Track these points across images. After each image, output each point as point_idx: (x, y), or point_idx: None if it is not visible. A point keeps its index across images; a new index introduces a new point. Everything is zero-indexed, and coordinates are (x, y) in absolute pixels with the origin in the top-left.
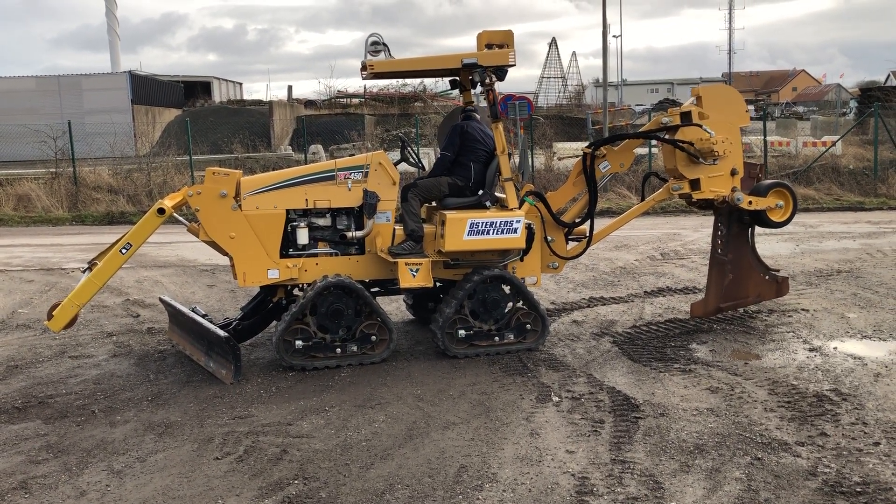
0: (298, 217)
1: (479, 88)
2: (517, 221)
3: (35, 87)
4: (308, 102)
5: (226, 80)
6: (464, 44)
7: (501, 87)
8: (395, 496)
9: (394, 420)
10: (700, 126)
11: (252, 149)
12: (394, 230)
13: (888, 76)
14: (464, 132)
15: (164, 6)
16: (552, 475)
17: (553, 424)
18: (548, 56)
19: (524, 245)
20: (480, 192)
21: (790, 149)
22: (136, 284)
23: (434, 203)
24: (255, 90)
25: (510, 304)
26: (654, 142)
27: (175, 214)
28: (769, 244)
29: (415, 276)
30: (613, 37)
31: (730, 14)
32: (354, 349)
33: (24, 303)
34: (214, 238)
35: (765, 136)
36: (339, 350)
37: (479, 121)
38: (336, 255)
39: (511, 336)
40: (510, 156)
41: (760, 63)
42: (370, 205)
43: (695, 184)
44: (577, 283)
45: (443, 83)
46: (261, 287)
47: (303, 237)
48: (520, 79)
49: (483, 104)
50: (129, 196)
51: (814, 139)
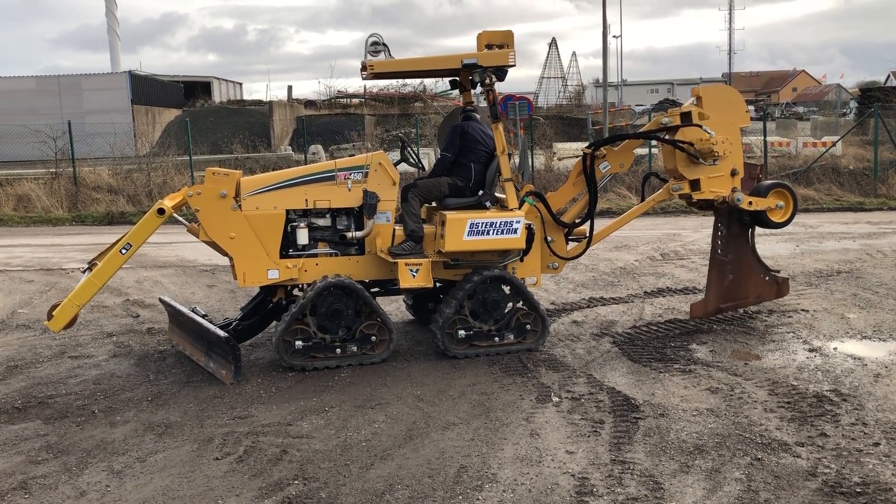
0: (298, 217)
1: (479, 89)
2: (517, 222)
3: (35, 87)
4: (308, 103)
5: (226, 81)
6: (464, 44)
7: (501, 88)
8: (395, 496)
9: (394, 420)
10: (700, 126)
11: (252, 149)
12: (394, 230)
13: (888, 76)
14: (464, 133)
15: (164, 6)
16: (552, 475)
17: (553, 425)
18: (548, 56)
19: (524, 245)
20: (480, 193)
21: (790, 149)
22: (136, 285)
23: (434, 203)
24: (255, 90)
25: (510, 305)
26: (655, 142)
27: (175, 215)
28: (769, 244)
29: (415, 277)
30: (613, 37)
31: (730, 14)
32: (354, 349)
33: (24, 303)
34: (214, 238)
35: (765, 137)
36: (339, 350)
37: (480, 121)
38: (336, 256)
39: (511, 336)
40: (510, 156)
41: (760, 63)
42: (370, 205)
43: (695, 184)
44: (577, 284)
45: (443, 83)
46: (261, 287)
47: (303, 237)
48: (520, 79)
49: (483, 104)
50: (129, 196)
51: (814, 139)
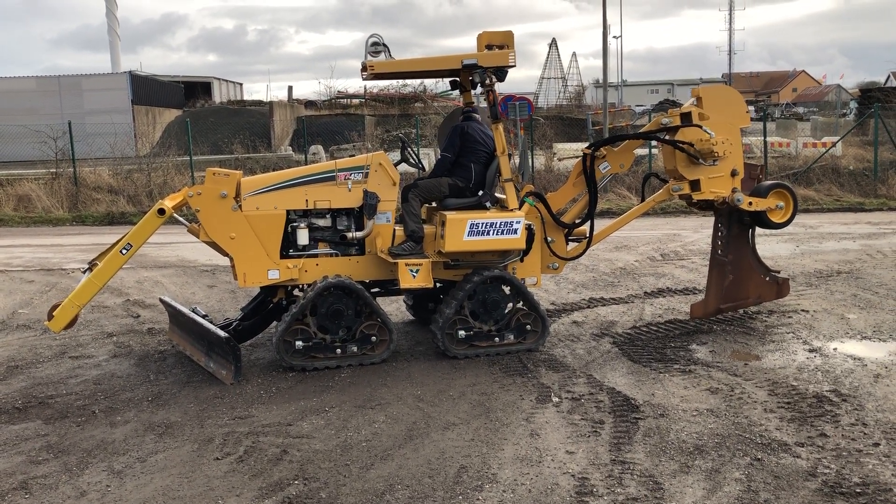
0: (299, 218)
1: (480, 89)
2: (517, 222)
3: (35, 88)
4: (308, 103)
5: (226, 81)
6: (464, 44)
7: (501, 88)
8: (395, 496)
9: (394, 420)
10: (700, 127)
11: (252, 149)
12: (394, 231)
13: (888, 77)
14: (464, 133)
15: (165, 6)
16: (552, 476)
17: (553, 425)
18: (548, 57)
19: (524, 246)
20: (480, 193)
21: (790, 150)
22: (137, 285)
23: (434, 204)
24: (256, 91)
25: (510, 305)
26: (655, 142)
27: (175, 215)
28: (769, 245)
29: (415, 277)
30: (613, 37)
31: (730, 15)
32: (354, 350)
33: (25, 303)
34: (215, 238)
35: (765, 137)
36: (340, 350)
37: (480, 121)
38: (336, 256)
39: (511, 337)
40: (510, 156)
41: (760, 64)
42: (370, 205)
43: (695, 185)
44: (577, 284)
45: (443, 84)
46: (261, 288)
47: (303, 238)
48: (520, 79)
49: (483, 105)
50: (130, 196)
51: (814, 140)
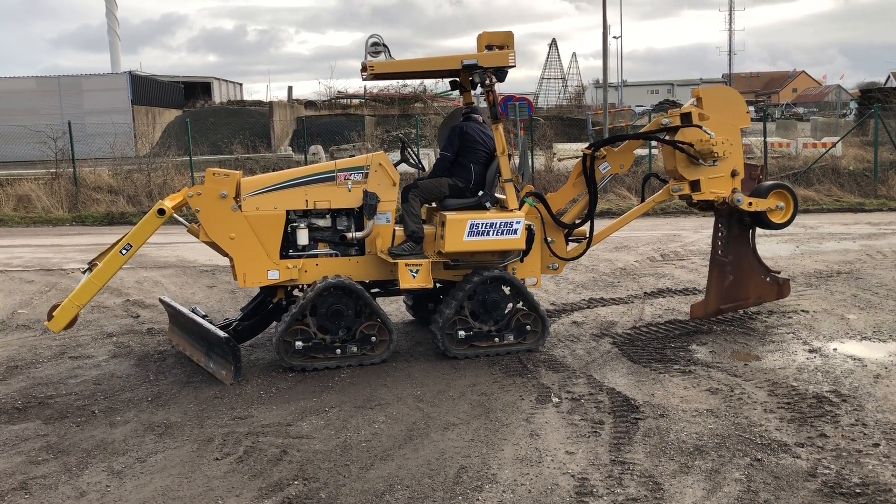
0: (298, 218)
1: (480, 89)
2: (517, 222)
3: (35, 88)
4: (308, 103)
5: (226, 81)
6: (464, 45)
7: (501, 88)
8: (395, 497)
9: (394, 421)
10: (700, 127)
11: (252, 149)
12: (394, 231)
13: (888, 77)
14: (463, 133)
15: (164, 7)
16: (552, 476)
17: (553, 425)
18: (548, 57)
19: (524, 246)
20: (480, 193)
21: (790, 150)
22: (137, 285)
23: (434, 204)
24: (256, 91)
25: (510, 305)
26: (655, 143)
27: (175, 215)
28: (769, 245)
29: (415, 277)
30: (613, 38)
31: (730, 15)
32: (354, 350)
33: (25, 303)
34: (214, 239)
35: (765, 138)
36: (339, 351)
37: (481, 122)
38: (336, 256)
39: (511, 337)
40: (510, 157)
41: (760, 64)
42: (370, 206)
43: (695, 185)
44: (577, 284)
45: (443, 84)
46: (261, 288)
47: (303, 238)
48: (520, 80)
49: (483, 105)
50: (130, 197)
51: (814, 140)
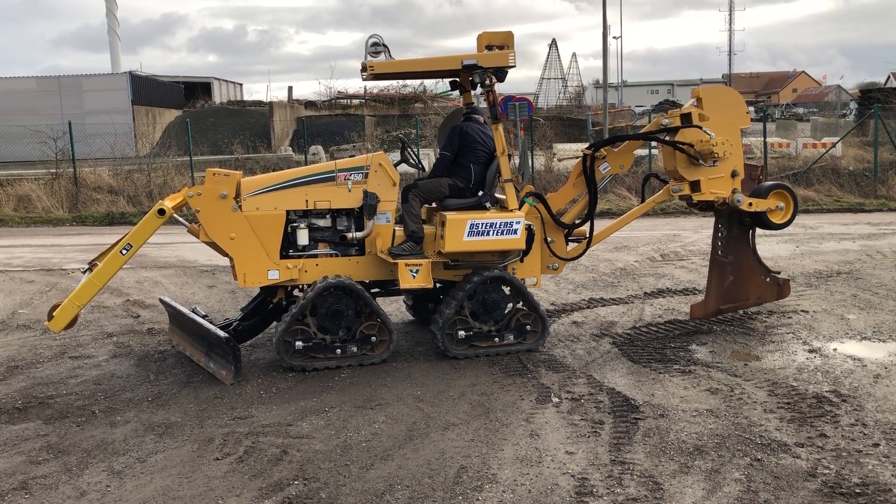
0: (298, 218)
1: (480, 90)
2: (517, 222)
3: (35, 88)
4: (308, 103)
5: (226, 81)
6: (464, 45)
7: (501, 88)
8: (395, 497)
9: (394, 421)
10: (700, 128)
11: (252, 150)
12: (394, 231)
13: (888, 77)
14: (463, 133)
15: (165, 7)
16: (552, 476)
17: (553, 425)
18: (548, 57)
19: (524, 246)
20: (480, 193)
21: (790, 150)
22: (137, 285)
23: (434, 204)
24: (256, 91)
25: (510, 305)
26: (655, 143)
27: (175, 215)
28: (769, 245)
29: (415, 277)
30: (613, 38)
31: (730, 15)
32: (354, 350)
33: (25, 303)
34: (215, 239)
35: (765, 138)
36: (339, 351)
37: (482, 122)
38: (336, 256)
39: (511, 337)
40: (510, 157)
41: (760, 64)
42: (370, 206)
43: (695, 185)
44: (577, 285)
45: (443, 84)
46: (261, 288)
47: (303, 238)
48: (520, 80)
49: (483, 105)
50: (130, 197)
51: (814, 140)
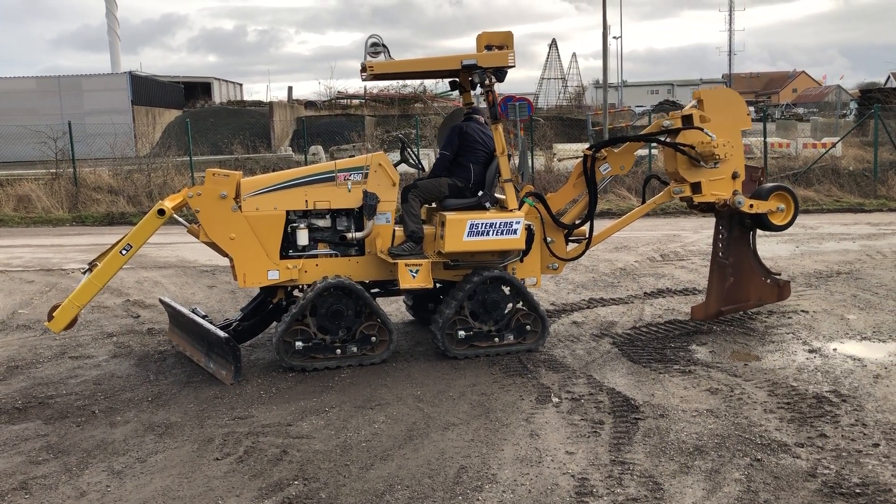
0: (298, 218)
1: (479, 90)
2: (517, 222)
3: (35, 88)
4: (308, 103)
5: (226, 81)
6: (464, 45)
7: (501, 89)
8: (395, 497)
9: (394, 421)
10: (701, 129)
11: (252, 150)
12: (394, 231)
13: (888, 77)
14: (462, 132)
15: (164, 7)
16: (552, 476)
17: (553, 425)
18: (548, 57)
19: (524, 246)
20: (480, 194)
21: (790, 150)
22: (137, 285)
23: (434, 204)
24: (256, 91)
25: (510, 305)
26: (655, 144)
27: (175, 216)
28: (769, 246)
29: (415, 277)
30: (613, 38)
31: (730, 15)
32: (354, 350)
33: (25, 303)
34: (214, 239)
35: (765, 138)
36: (339, 351)
37: (482, 122)
38: (336, 257)
39: (511, 337)
40: (510, 157)
41: (760, 64)
42: (370, 206)
43: (696, 187)
44: (577, 285)
45: (443, 84)
46: (261, 288)
47: (303, 238)
48: (520, 80)
49: (483, 105)
50: (130, 197)
51: (814, 141)
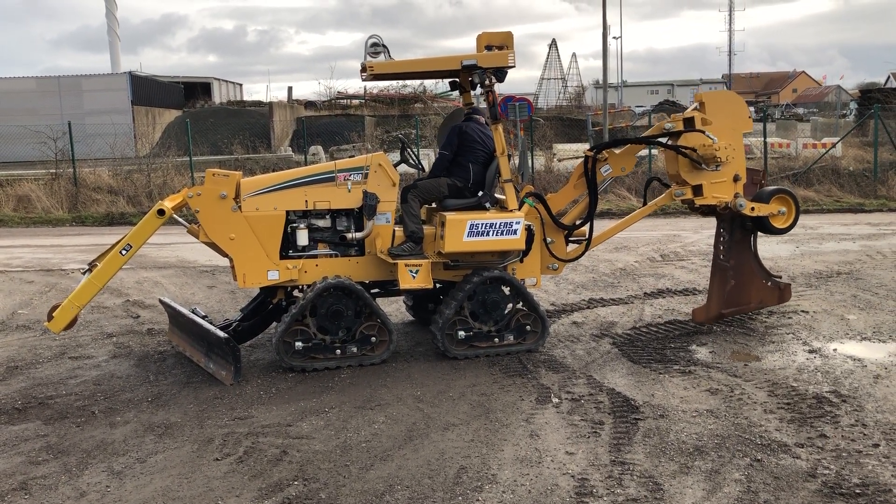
0: (298, 218)
1: (479, 90)
2: (517, 223)
3: (35, 88)
4: (308, 103)
5: (226, 81)
6: (464, 45)
7: (501, 89)
8: (395, 497)
9: (394, 421)
10: (703, 132)
11: (252, 150)
12: (393, 231)
13: (888, 78)
14: (462, 132)
15: (164, 7)
16: (552, 476)
17: (553, 426)
18: (548, 57)
19: (524, 246)
20: (480, 194)
21: (790, 150)
22: (137, 285)
23: (434, 204)
24: (256, 91)
25: (510, 306)
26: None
27: (175, 216)
28: (769, 246)
29: (414, 278)
30: (613, 38)
31: (730, 16)
32: (354, 350)
33: (25, 304)
34: (214, 239)
35: (765, 138)
36: (339, 351)
37: (482, 122)
38: (336, 257)
39: (511, 337)
40: (510, 157)
41: (760, 65)
42: (370, 206)
43: (697, 189)
44: (577, 285)
45: (443, 84)
46: (261, 288)
47: (303, 238)
48: (520, 80)
49: (483, 105)
50: (130, 197)
51: (814, 141)
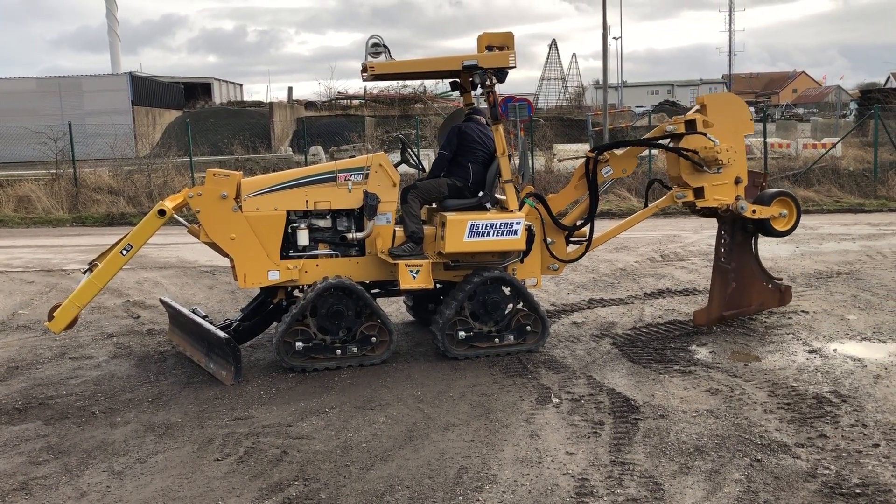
0: (299, 218)
1: (480, 90)
2: (517, 223)
3: (35, 89)
4: (308, 104)
5: (226, 82)
6: (464, 45)
7: (502, 89)
8: (395, 497)
9: (394, 421)
10: (705, 134)
11: (252, 150)
12: (394, 232)
13: (888, 78)
14: (461, 132)
15: (165, 7)
16: (552, 476)
17: (553, 426)
18: (548, 58)
19: (524, 247)
20: (480, 194)
21: (790, 150)
22: (137, 286)
23: (434, 205)
24: (256, 91)
25: (510, 306)
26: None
27: (175, 216)
28: (769, 247)
29: (415, 278)
30: (613, 38)
31: (730, 16)
32: (355, 350)
33: (25, 304)
34: (215, 239)
35: (765, 138)
36: (340, 351)
37: (483, 123)
38: (336, 257)
39: (511, 337)
40: (510, 157)
41: (760, 65)
42: (370, 206)
43: (699, 192)
44: (577, 285)
45: (443, 85)
46: (261, 288)
47: (303, 238)
48: (520, 80)
49: (483, 106)
50: (130, 197)
51: (814, 141)
